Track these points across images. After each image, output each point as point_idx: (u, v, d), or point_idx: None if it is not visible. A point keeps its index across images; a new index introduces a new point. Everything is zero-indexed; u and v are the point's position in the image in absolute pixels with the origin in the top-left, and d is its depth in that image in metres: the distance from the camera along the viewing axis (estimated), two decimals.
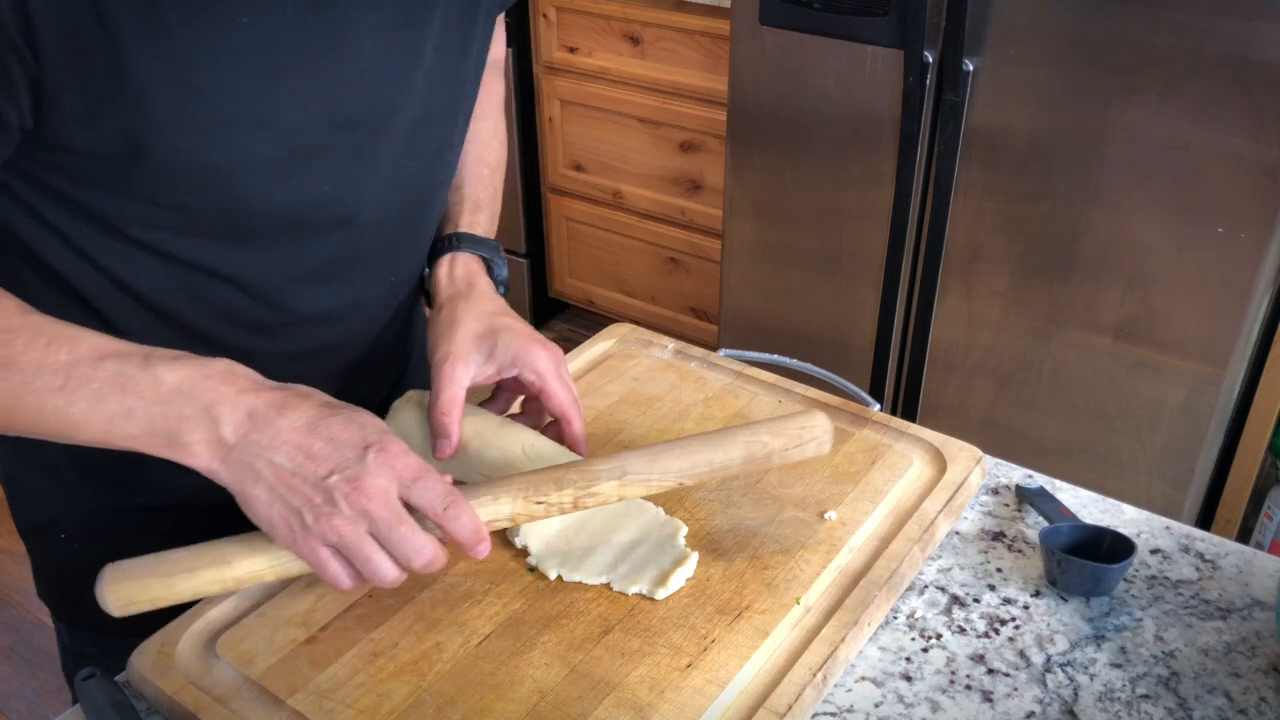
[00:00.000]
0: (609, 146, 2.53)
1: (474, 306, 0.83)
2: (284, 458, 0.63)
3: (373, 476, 0.63)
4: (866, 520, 0.79)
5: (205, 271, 0.75)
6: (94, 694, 0.66)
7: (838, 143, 1.78)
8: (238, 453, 0.63)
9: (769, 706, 0.64)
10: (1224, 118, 1.44)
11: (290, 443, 0.64)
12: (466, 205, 0.92)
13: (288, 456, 0.63)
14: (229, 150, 0.68)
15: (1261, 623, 0.74)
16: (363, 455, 0.64)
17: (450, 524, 0.65)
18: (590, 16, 2.40)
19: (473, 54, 0.83)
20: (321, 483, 0.63)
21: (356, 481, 0.63)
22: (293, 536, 0.64)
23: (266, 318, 0.79)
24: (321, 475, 0.63)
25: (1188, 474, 1.66)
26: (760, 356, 0.99)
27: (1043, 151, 1.59)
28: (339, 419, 0.65)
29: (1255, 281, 1.50)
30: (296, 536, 0.64)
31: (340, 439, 0.64)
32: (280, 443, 0.63)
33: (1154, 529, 0.83)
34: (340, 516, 0.63)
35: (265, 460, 0.63)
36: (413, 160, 0.80)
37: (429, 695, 0.65)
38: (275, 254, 0.76)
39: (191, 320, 0.77)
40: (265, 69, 0.67)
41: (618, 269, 2.67)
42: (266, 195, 0.72)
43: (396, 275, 0.86)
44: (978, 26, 1.57)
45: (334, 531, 0.63)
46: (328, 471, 0.63)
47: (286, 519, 0.63)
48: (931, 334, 1.81)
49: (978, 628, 0.73)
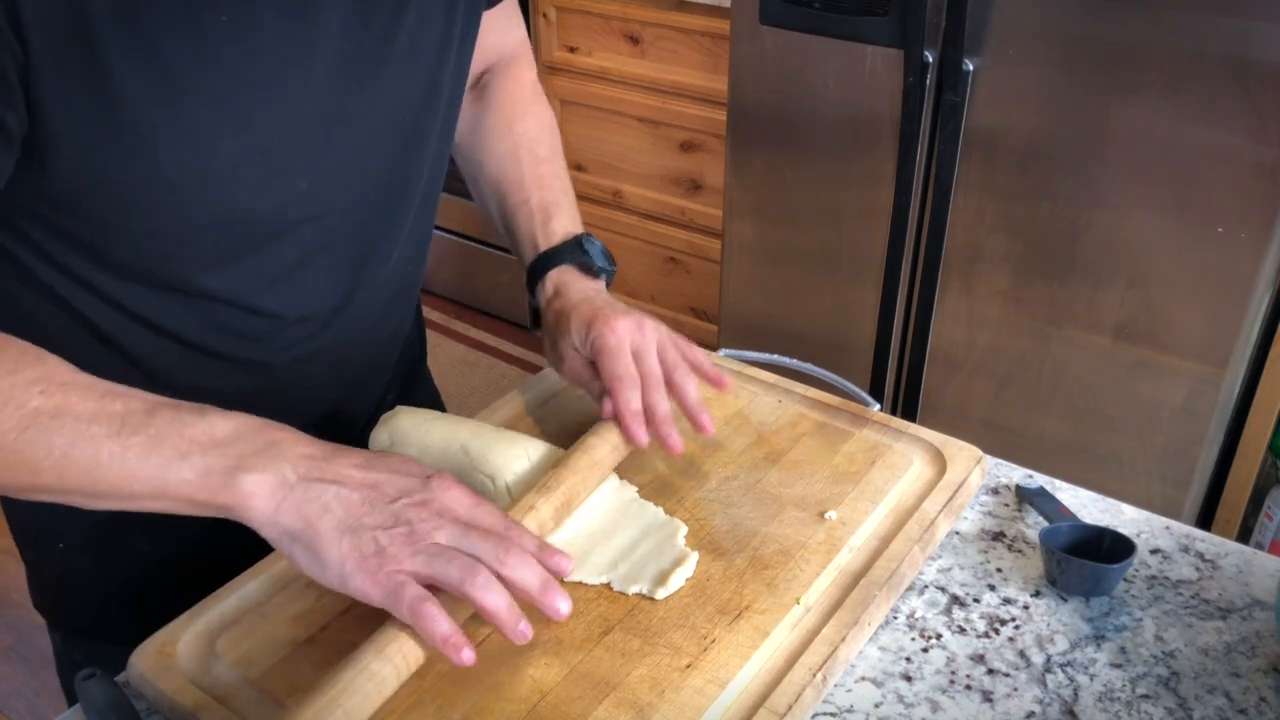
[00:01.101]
0: (609, 146, 2.53)
1: (554, 311, 0.86)
2: (350, 490, 0.62)
3: (439, 498, 0.64)
4: (866, 520, 0.79)
5: (186, 291, 0.75)
6: (94, 694, 0.66)
7: (838, 143, 1.78)
8: (300, 491, 0.62)
9: (769, 706, 0.64)
10: (1224, 118, 1.44)
11: (353, 478, 0.63)
12: (538, 218, 0.92)
13: (353, 488, 0.63)
14: (211, 154, 0.68)
15: (1261, 623, 0.74)
16: (426, 483, 0.64)
17: (514, 540, 0.65)
18: (590, 16, 2.40)
19: (453, 46, 0.82)
20: (390, 507, 0.62)
21: (425, 503, 0.63)
22: (366, 567, 0.61)
23: (252, 325, 0.79)
24: (390, 500, 0.63)
25: (1188, 474, 1.66)
26: (760, 356, 0.99)
27: (1043, 151, 1.59)
28: (393, 458, 0.66)
29: (1255, 281, 1.50)
30: (370, 566, 0.61)
31: (400, 470, 0.65)
32: (344, 478, 0.63)
33: (1154, 529, 0.83)
34: (415, 535, 0.62)
35: (332, 494, 0.62)
36: (384, 152, 0.79)
37: (429, 695, 0.65)
38: (250, 257, 0.76)
39: (183, 332, 0.77)
40: (246, 68, 0.67)
41: (618, 269, 2.67)
42: (247, 196, 0.72)
43: (377, 269, 0.85)
44: (978, 26, 1.57)
45: (415, 552, 0.61)
46: (396, 496, 0.63)
47: (359, 550, 0.61)
48: (931, 334, 1.81)
49: (978, 628, 0.73)
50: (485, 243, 2.86)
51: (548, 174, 0.95)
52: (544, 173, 0.94)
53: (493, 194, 0.96)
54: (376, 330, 0.89)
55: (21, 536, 0.90)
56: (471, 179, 0.98)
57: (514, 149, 0.95)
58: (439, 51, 0.80)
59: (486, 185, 0.96)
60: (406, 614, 0.60)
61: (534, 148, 0.95)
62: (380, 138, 0.78)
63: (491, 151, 0.95)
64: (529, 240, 0.92)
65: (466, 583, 0.61)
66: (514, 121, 0.96)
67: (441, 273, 3.07)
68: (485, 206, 0.98)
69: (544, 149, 0.96)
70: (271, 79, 0.68)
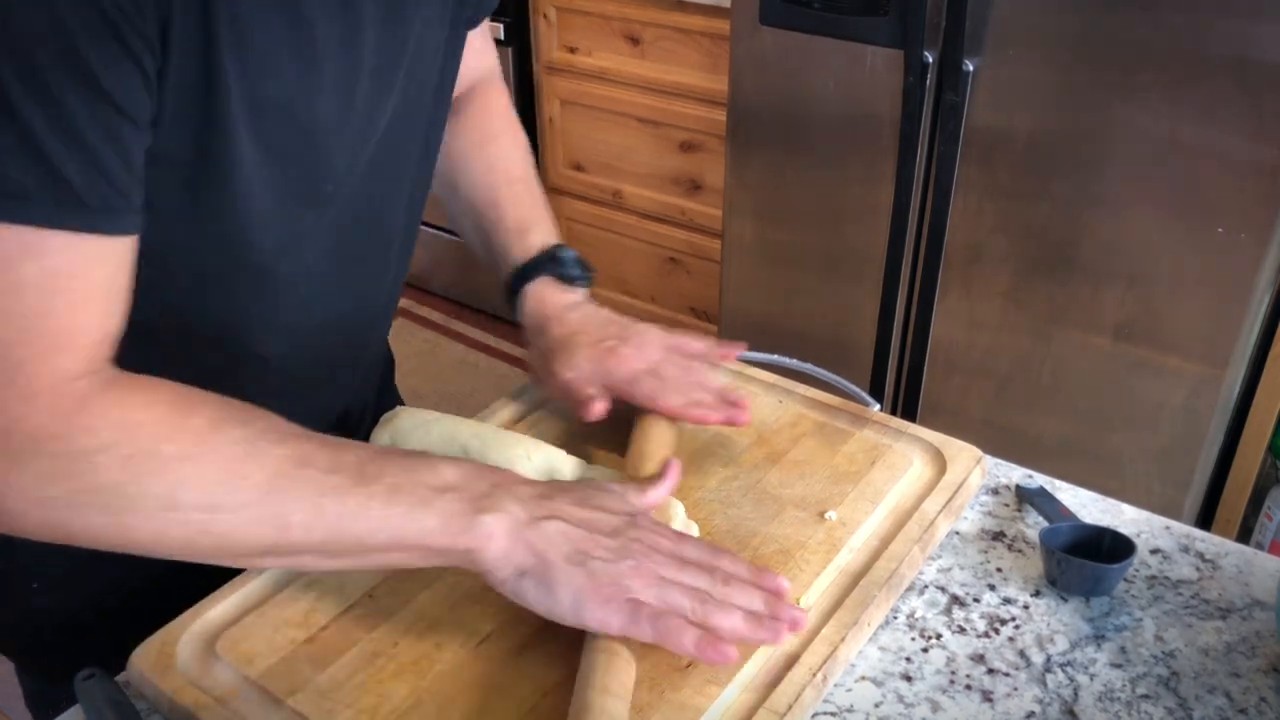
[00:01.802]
0: (609, 146, 2.53)
1: (548, 336, 0.87)
2: (573, 526, 0.65)
3: (649, 535, 0.67)
4: (866, 520, 0.79)
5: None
6: (94, 694, 0.66)
7: (838, 143, 1.78)
8: (531, 529, 0.64)
9: (769, 706, 0.64)
10: (1224, 118, 1.44)
11: (574, 514, 0.66)
12: (512, 235, 0.92)
13: (577, 524, 0.65)
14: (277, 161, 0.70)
15: (1261, 623, 0.74)
16: (633, 521, 0.68)
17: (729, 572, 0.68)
18: (590, 16, 2.40)
19: (447, 59, 0.83)
20: (611, 541, 0.65)
21: (641, 537, 0.66)
22: (601, 595, 0.63)
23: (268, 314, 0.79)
24: (609, 532, 0.66)
25: (1188, 474, 1.66)
26: (760, 356, 0.99)
27: (1043, 151, 1.59)
28: (600, 493, 0.69)
29: (1255, 281, 1.50)
30: (606, 594, 0.63)
31: (609, 507, 0.68)
32: (566, 514, 0.66)
33: (1154, 529, 0.83)
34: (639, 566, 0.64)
35: (559, 529, 0.65)
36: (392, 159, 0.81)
37: (429, 695, 0.65)
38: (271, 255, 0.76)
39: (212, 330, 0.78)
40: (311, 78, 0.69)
41: (618, 269, 2.67)
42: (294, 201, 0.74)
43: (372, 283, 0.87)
44: (978, 26, 1.57)
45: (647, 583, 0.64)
46: (615, 529, 0.66)
47: (594, 580, 0.63)
48: (931, 334, 1.81)
49: (978, 628, 0.73)
50: None
51: (522, 192, 0.95)
52: (519, 191, 0.95)
53: (467, 213, 0.96)
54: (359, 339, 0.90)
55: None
56: (446, 199, 0.98)
57: (488, 169, 0.95)
58: (440, 65, 0.82)
59: (460, 205, 0.96)
60: (650, 632, 0.63)
61: (508, 168, 0.96)
62: (390, 145, 0.79)
63: (465, 172, 0.96)
64: (504, 256, 0.92)
65: (698, 612, 0.64)
66: (487, 143, 0.97)
67: (441, 273, 3.07)
68: (459, 226, 0.98)
69: (518, 169, 0.97)
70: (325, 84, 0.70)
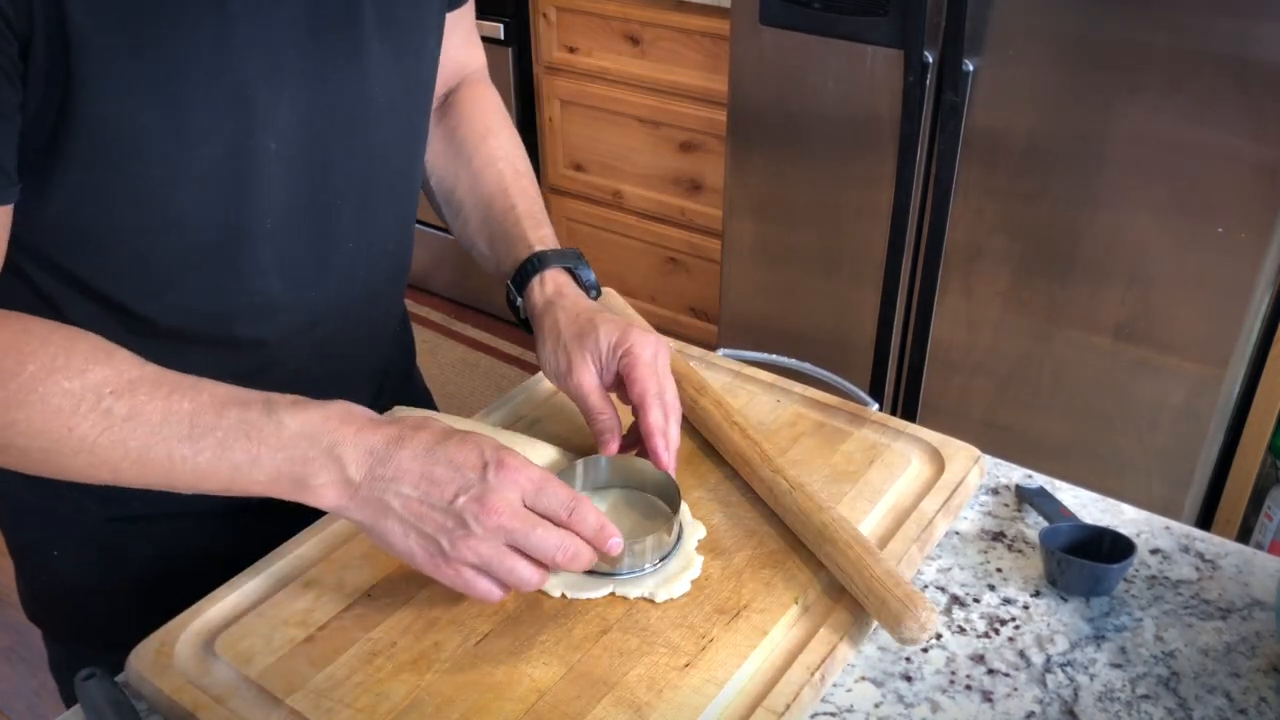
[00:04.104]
0: (609, 146, 2.53)
1: (567, 312, 0.83)
2: (409, 488, 0.65)
3: (497, 492, 0.65)
4: (865, 520, 0.79)
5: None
6: (94, 694, 0.66)
7: (838, 143, 1.78)
8: (365, 490, 0.65)
9: (767, 705, 0.64)
10: (1224, 118, 1.44)
11: (413, 472, 0.65)
12: (527, 221, 0.91)
13: (413, 486, 0.65)
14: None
15: (1261, 623, 0.74)
16: (483, 474, 0.65)
17: (578, 525, 0.67)
18: (590, 16, 2.40)
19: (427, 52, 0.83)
20: (450, 507, 0.65)
21: (483, 500, 0.65)
22: (434, 564, 0.66)
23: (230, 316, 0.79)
24: (449, 499, 0.65)
25: (1188, 474, 1.66)
26: (759, 356, 0.99)
27: (1043, 151, 1.59)
28: (454, 442, 0.67)
29: (1255, 281, 1.50)
30: (438, 563, 0.66)
31: (459, 461, 0.66)
32: (404, 473, 0.65)
33: (1154, 529, 0.83)
34: (475, 537, 0.64)
35: (393, 493, 0.65)
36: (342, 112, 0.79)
37: (427, 694, 0.65)
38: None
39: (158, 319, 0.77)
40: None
41: (618, 269, 2.67)
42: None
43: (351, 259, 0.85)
44: (978, 26, 1.57)
45: (473, 552, 0.65)
46: (454, 495, 0.65)
47: (425, 547, 0.65)
48: (931, 334, 1.81)
49: (978, 628, 0.73)
50: None
51: (529, 187, 0.94)
52: (525, 185, 0.94)
53: (474, 203, 0.94)
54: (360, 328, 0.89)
55: (17, 546, 0.90)
56: (446, 194, 0.96)
57: (492, 160, 0.94)
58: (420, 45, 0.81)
59: (465, 196, 0.94)
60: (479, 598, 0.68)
61: (513, 161, 0.95)
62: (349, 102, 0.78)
63: (469, 164, 0.94)
64: (520, 240, 0.89)
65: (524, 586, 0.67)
66: (487, 135, 0.96)
67: (441, 273, 3.07)
68: (460, 219, 0.96)
69: (521, 164, 0.96)
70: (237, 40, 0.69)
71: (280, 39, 0.71)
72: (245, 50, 0.69)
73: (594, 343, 0.80)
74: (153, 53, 0.65)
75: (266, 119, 0.72)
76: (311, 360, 0.85)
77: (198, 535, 0.86)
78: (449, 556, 0.65)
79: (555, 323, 0.83)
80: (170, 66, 0.66)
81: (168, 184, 0.70)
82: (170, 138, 0.68)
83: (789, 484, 0.77)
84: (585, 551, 0.67)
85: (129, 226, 0.72)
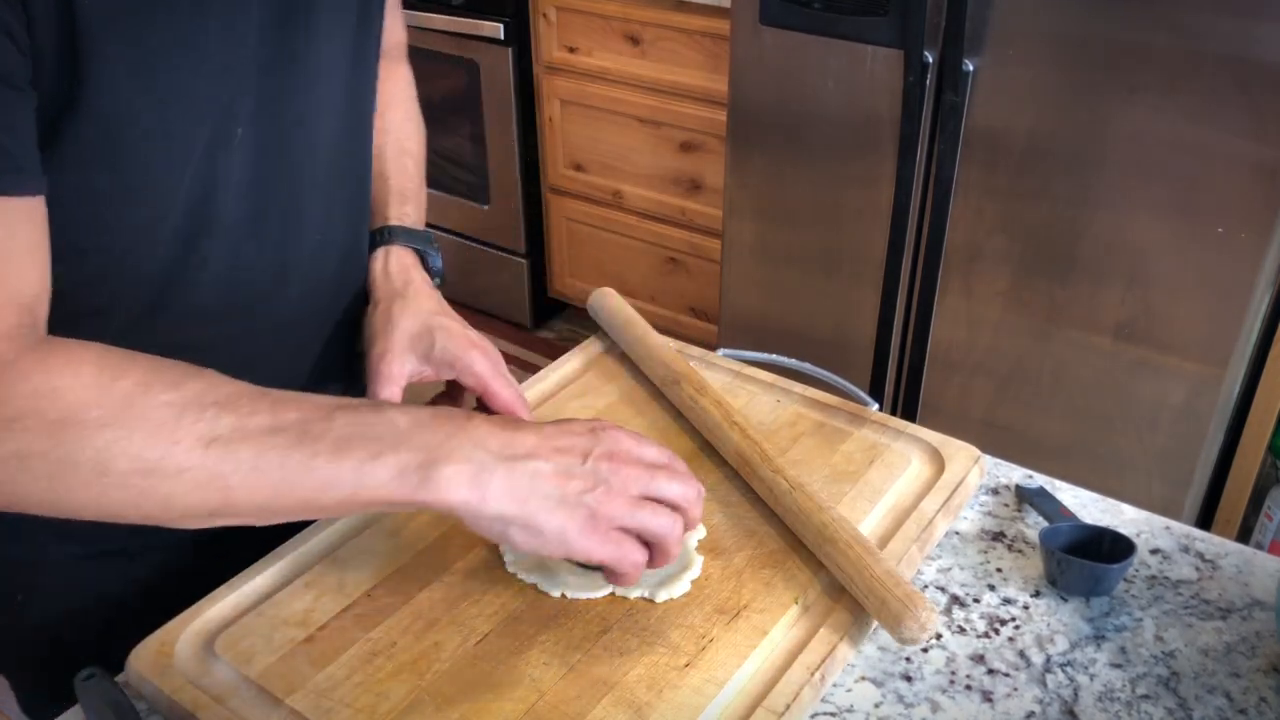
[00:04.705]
0: (609, 146, 2.53)
1: (410, 305, 0.82)
2: (543, 463, 0.64)
3: (618, 443, 0.66)
4: (864, 520, 0.79)
5: None
6: (94, 694, 0.66)
7: (838, 143, 1.78)
8: (501, 474, 0.63)
9: (767, 705, 0.64)
10: (1224, 118, 1.44)
11: (543, 447, 0.64)
12: (394, 196, 0.89)
13: (545, 459, 0.64)
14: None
15: (1261, 623, 0.74)
16: (595, 434, 0.66)
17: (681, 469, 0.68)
18: (590, 16, 2.40)
19: (372, 40, 0.82)
20: (585, 469, 0.64)
21: (611, 454, 0.65)
22: (589, 531, 0.64)
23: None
24: (581, 460, 0.64)
25: (1188, 474, 1.66)
26: (758, 356, 0.99)
27: (1043, 151, 1.59)
28: (560, 421, 0.67)
29: (1255, 281, 1.50)
30: (593, 530, 0.64)
31: (572, 429, 0.66)
32: (534, 450, 0.64)
33: (1154, 529, 0.83)
34: (615, 493, 0.64)
35: (530, 472, 0.63)
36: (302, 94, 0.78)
37: (427, 694, 0.65)
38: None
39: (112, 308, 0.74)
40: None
41: (618, 269, 2.67)
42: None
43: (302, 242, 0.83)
44: (978, 26, 1.57)
45: (620, 509, 0.64)
46: (584, 457, 0.64)
47: (575, 517, 0.63)
48: (931, 334, 1.81)
49: (978, 628, 0.73)
50: (485, 243, 2.86)
51: (411, 165, 0.92)
52: (408, 165, 0.92)
53: None
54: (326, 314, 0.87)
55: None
56: None
57: (380, 130, 0.91)
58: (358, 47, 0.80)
59: None
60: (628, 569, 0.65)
61: (404, 142, 0.93)
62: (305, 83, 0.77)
63: None
64: (379, 210, 0.89)
65: (669, 535, 0.66)
66: (384, 110, 0.92)
67: None
68: None
69: (413, 145, 0.94)
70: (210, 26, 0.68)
71: (244, 26, 0.70)
72: (223, 35, 0.68)
73: (429, 346, 0.81)
74: (150, 38, 0.64)
75: (240, 106, 0.71)
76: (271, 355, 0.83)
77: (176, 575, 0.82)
78: (598, 520, 0.63)
79: (393, 312, 0.82)
80: (166, 53, 0.65)
81: (162, 173, 0.69)
82: (165, 125, 0.67)
83: (789, 484, 0.77)
84: (698, 488, 0.68)
85: (113, 224, 0.69)
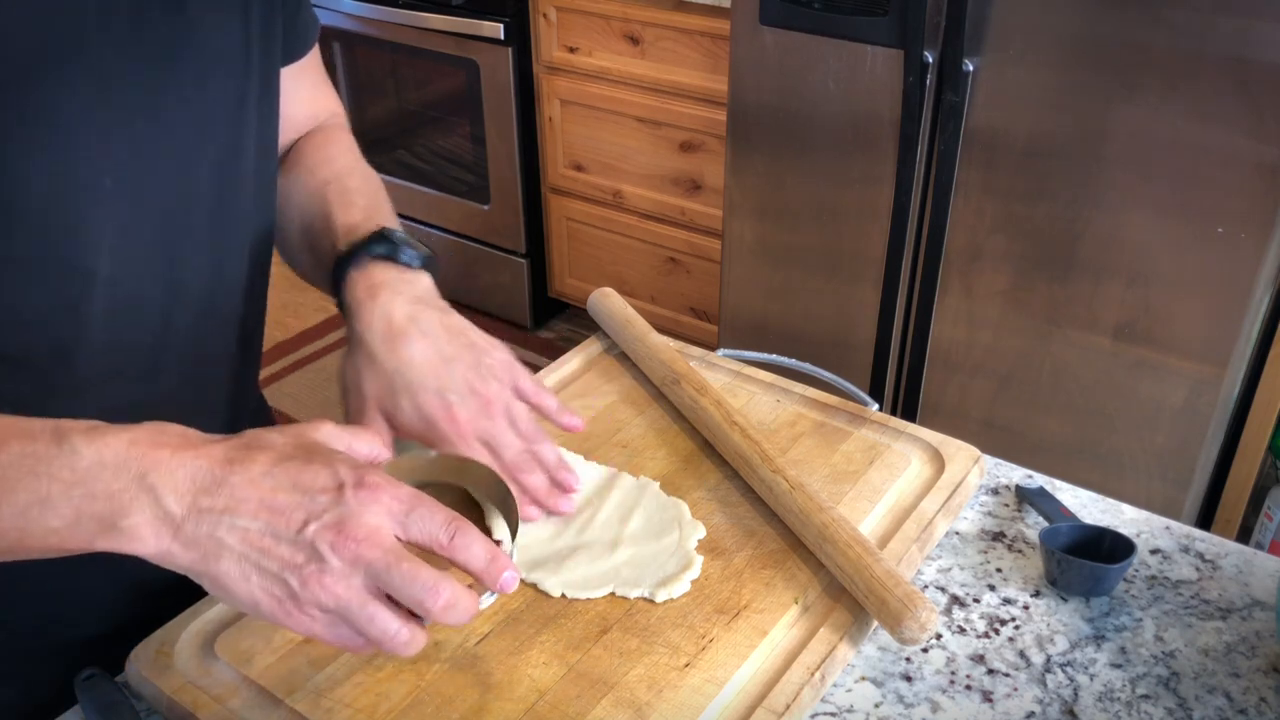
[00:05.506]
0: (609, 146, 2.53)
1: (379, 354, 0.72)
2: (248, 520, 0.53)
3: (357, 517, 0.53)
4: (864, 520, 0.79)
5: None
6: (94, 694, 0.66)
7: (838, 143, 1.78)
8: (190, 526, 0.53)
9: (767, 705, 0.64)
10: (1224, 118, 1.44)
11: (251, 500, 0.53)
12: (336, 214, 0.80)
13: (252, 516, 0.53)
14: None
15: (1261, 623, 0.74)
16: (340, 496, 0.54)
17: (460, 554, 0.55)
18: (590, 16, 2.40)
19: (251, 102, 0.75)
20: (299, 537, 0.53)
21: (341, 526, 0.53)
22: (283, 609, 0.54)
23: None
24: (297, 528, 0.53)
25: (1188, 474, 1.66)
26: (758, 356, 0.99)
27: (1043, 151, 1.59)
28: (298, 462, 0.55)
29: (1255, 281, 1.50)
30: (287, 609, 0.54)
31: (308, 485, 0.54)
32: (239, 502, 0.53)
33: (1154, 529, 0.83)
34: (329, 573, 0.53)
35: (226, 527, 0.53)
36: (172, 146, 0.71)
37: (427, 694, 0.65)
38: None
39: None
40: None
41: (618, 269, 2.67)
42: None
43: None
44: (978, 26, 1.57)
45: (328, 593, 0.53)
46: (303, 522, 0.53)
47: (269, 590, 0.53)
48: (931, 334, 1.81)
49: (978, 628, 0.73)
50: (485, 243, 2.86)
51: (354, 191, 0.83)
52: (352, 199, 0.82)
53: (300, 234, 0.84)
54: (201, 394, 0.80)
55: None
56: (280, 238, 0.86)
57: (321, 185, 0.83)
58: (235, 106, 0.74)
59: (293, 232, 0.85)
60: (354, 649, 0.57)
61: (343, 181, 0.84)
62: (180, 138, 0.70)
63: (294, 199, 0.84)
64: (328, 245, 0.79)
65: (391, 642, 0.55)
66: (321, 166, 0.85)
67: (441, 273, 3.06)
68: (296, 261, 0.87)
69: (355, 180, 0.84)
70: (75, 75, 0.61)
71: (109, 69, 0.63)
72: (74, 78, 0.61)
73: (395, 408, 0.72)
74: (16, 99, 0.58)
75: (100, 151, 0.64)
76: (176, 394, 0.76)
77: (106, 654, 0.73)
78: (299, 599, 0.53)
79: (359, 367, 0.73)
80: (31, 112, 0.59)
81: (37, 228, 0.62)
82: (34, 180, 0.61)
83: (789, 484, 0.77)
84: (464, 599, 0.55)
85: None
